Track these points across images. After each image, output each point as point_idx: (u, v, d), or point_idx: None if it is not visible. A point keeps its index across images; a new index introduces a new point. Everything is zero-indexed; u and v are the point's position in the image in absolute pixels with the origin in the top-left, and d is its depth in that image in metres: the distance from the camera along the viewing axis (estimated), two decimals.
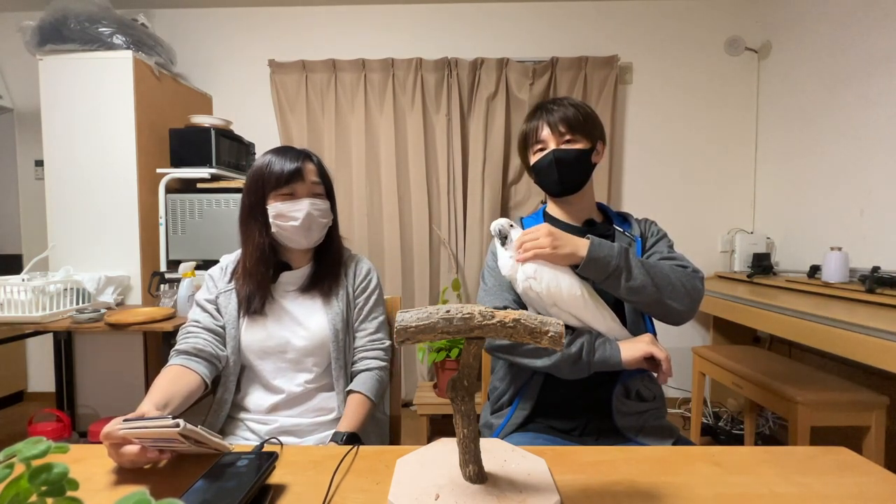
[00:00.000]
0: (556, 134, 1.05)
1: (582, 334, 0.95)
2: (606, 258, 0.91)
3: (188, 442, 0.64)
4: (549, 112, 1.07)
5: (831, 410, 1.51)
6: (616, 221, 1.13)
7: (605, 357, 0.93)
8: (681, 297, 0.95)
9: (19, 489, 0.31)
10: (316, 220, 1.02)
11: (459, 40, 2.74)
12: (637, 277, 0.92)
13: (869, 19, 1.99)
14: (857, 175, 2.05)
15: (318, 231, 1.04)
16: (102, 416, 2.29)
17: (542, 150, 1.07)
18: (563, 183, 1.06)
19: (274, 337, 1.02)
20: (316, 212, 1.01)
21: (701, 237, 2.76)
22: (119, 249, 2.20)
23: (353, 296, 1.10)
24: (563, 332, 0.58)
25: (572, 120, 1.05)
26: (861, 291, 1.69)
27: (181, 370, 0.93)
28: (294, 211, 0.99)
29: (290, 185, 1.00)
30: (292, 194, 1.00)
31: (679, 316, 0.97)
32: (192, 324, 1.02)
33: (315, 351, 1.03)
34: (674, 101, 2.75)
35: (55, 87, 2.18)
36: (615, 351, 0.93)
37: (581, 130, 1.05)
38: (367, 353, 1.07)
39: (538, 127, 1.07)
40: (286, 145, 1.05)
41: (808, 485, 0.64)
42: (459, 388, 0.61)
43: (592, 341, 0.94)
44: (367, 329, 1.09)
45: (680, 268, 1.00)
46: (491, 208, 2.66)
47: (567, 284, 0.92)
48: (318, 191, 1.03)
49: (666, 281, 0.95)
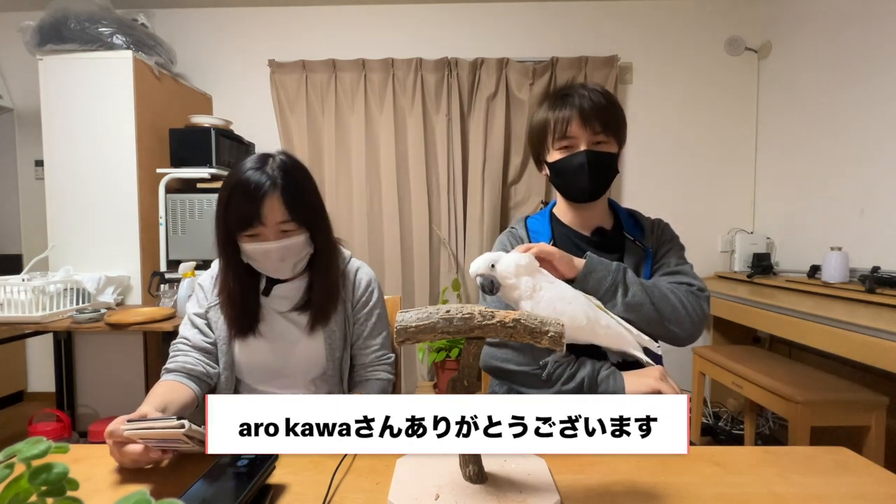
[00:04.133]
0: (590, 130, 0.92)
1: (584, 366, 0.88)
2: (603, 273, 0.88)
3: (192, 442, 0.64)
4: (581, 99, 0.91)
5: (831, 410, 1.51)
6: (627, 226, 1.04)
7: (608, 393, 0.87)
8: (681, 319, 0.89)
9: (19, 489, 0.32)
10: (283, 265, 0.93)
11: (459, 40, 2.74)
12: (635, 295, 0.88)
13: (869, 19, 1.99)
14: (857, 175, 2.05)
15: (292, 269, 0.95)
16: (102, 416, 2.29)
17: (568, 148, 0.94)
18: (592, 191, 0.95)
19: (267, 359, 0.99)
20: (282, 255, 0.91)
21: (701, 237, 2.76)
22: (119, 249, 2.20)
23: (353, 311, 1.04)
24: (563, 332, 0.58)
25: (609, 115, 0.92)
26: (861, 291, 1.69)
27: (175, 384, 0.92)
28: (258, 256, 0.91)
29: (252, 228, 0.89)
30: (258, 235, 0.90)
31: (679, 340, 0.92)
32: (181, 341, 0.99)
33: (311, 371, 1.01)
34: (674, 101, 2.75)
35: (55, 87, 2.18)
36: (619, 386, 0.86)
37: (614, 129, 0.94)
38: (375, 368, 1.04)
39: (568, 118, 0.91)
40: (255, 162, 0.90)
41: (808, 485, 0.64)
42: (459, 388, 0.61)
43: (595, 375, 0.87)
44: (372, 347, 1.04)
45: (685, 285, 0.94)
46: (491, 208, 2.66)
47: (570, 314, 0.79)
48: (288, 227, 0.90)
49: (665, 302, 0.89)
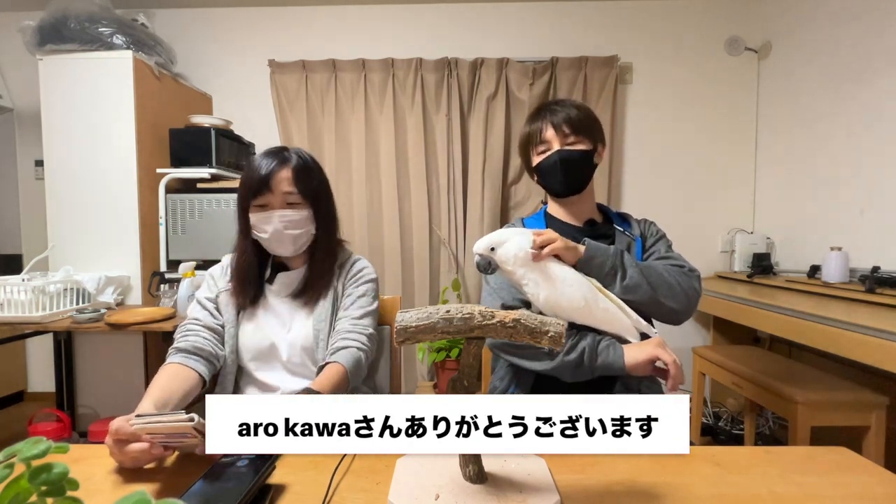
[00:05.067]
0: (560, 134, 1.06)
1: (585, 337, 0.95)
2: (602, 257, 0.93)
3: (200, 437, 0.64)
4: (552, 113, 1.07)
5: (831, 410, 1.51)
6: (616, 221, 1.14)
7: (607, 362, 0.92)
8: (676, 296, 0.97)
9: (19, 489, 0.32)
10: (284, 234, 0.98)
11: (459, 40, 2.74)
12: (632, 277, 0.94)
13: (869, 19, 1.99)
14: (857, 175, 2.05)
15: (293, 243, 1.01)
16: (102, 416, 2.29)
17: (545, 151, 1.08)
18: (568, 183, 1.07)
19: (264, 339, 1.02)
20: (285, 224, 0.98)
21: (701, 237, 2.76)
22: (119, 249, 2.20)
23: (343, 290, 1.07)
24: (563, 333, 0.58)
25: (575, 121, 1.06)
26: (861, 291, 1.69)
27: (179, 368, 0.93)
28: (263, 224, 0.98)
29: (261, 195, 0.97)
30: (266, 205, 0.98)
31: (676, 315, 1.00)
32: (191, 321, 1.02)
33: (301, 353, 1.02)
34: (674, 101, 2.75)
35: (55, 87, 2.18)
36: (618, 356, 0.92)
37: (584, 131, 1.06)
38: (348, 335, 1.00)
39: (542, 128, 1.08)
40: (276, 147, 1.02)
41: (808, 485, 0.64)
42: (459, 388, 0.61)
43: (595, 346, 0.94)
44: (350, 315, 1.03)
45: (676, 267, 1.02)
46: (491, 208, 2.66)
47: (568, 296, 0.85)
48: (293, 199, 0.98)
49: (660, 280, 0.97)
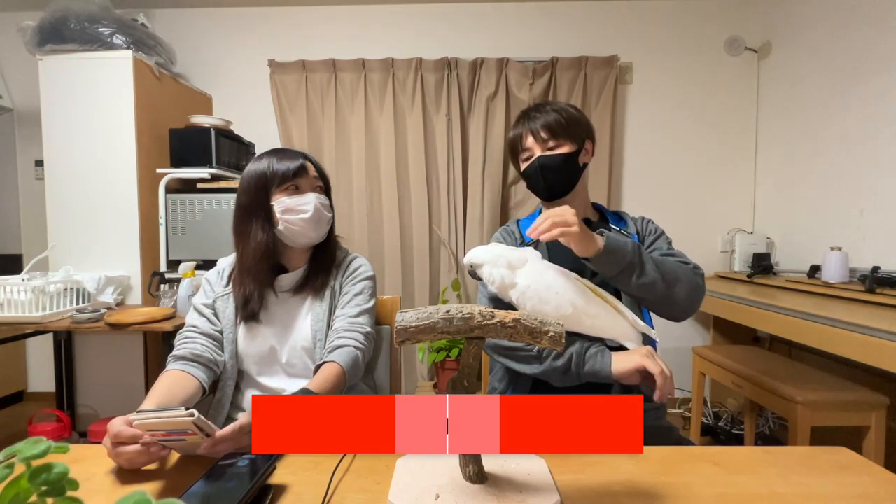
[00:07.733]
0: (540, 140, 1.06)
1: (573, 343, 0.93)
2: (622, 251, 0.90)
3: (200, 434, 0.65)
4: (531, 119, 1.08)
5: (831, 410, 1.51)
6: (612, 220, 1.13)
7: (594, 370, 0.91)
8: (687, 293, 0.97)
9: (19, 489, 0.31)
10: (323, 214, 1.03)
11: (459, 40, 2.74)
12: (649, 274, 0.92)
13: (869, 19, 1.99)
14: (857, 175, 2.05)
15: (325, 225, 1.05)
16: (102, 416, 2.29)
17: (528, 158, 1.08)
18: (551, 188, 1.07)
19: (265, 343, 1.02)
20: (322, 205, 1.03)
21: (701, 237, 2.76)
22: (119, 249, 2.20)
23: (340, 288, 1.07)
24: (563, 333, 0.58)
25: (554, 125, 1.05)
26: (861, 291, 1.69)
27: (179, 374, 0.92)
28: (303, 203, 1.00)
29: (295, 179, 1.01)
30: (298, 188, 1.02)
31: (683, 313, 0.99)
32: (189, 329, 1.01)
33: (301, 354, 1.02)
34: (674, 102, 2.75)
35: (55, 87, 2.18)
36: (606, 364, 0.90)
37: (564, 134, 1.06)
38: (345, 334, 0.99)
39: (522, 135, 1.09)
40: (281, 147, 1.06)
41: (808, 485, 0.64)
42: (459, 388, 0.61)
43: (583, 352, 0.92)
44: (347, 313, 1.03)
45: (683, 264, 1.01)
46: (491, 208, 2.66)
47: (554, 305, 0.85)
48: (320, 184, 1.06)
49: (674, 277, 0.95)
